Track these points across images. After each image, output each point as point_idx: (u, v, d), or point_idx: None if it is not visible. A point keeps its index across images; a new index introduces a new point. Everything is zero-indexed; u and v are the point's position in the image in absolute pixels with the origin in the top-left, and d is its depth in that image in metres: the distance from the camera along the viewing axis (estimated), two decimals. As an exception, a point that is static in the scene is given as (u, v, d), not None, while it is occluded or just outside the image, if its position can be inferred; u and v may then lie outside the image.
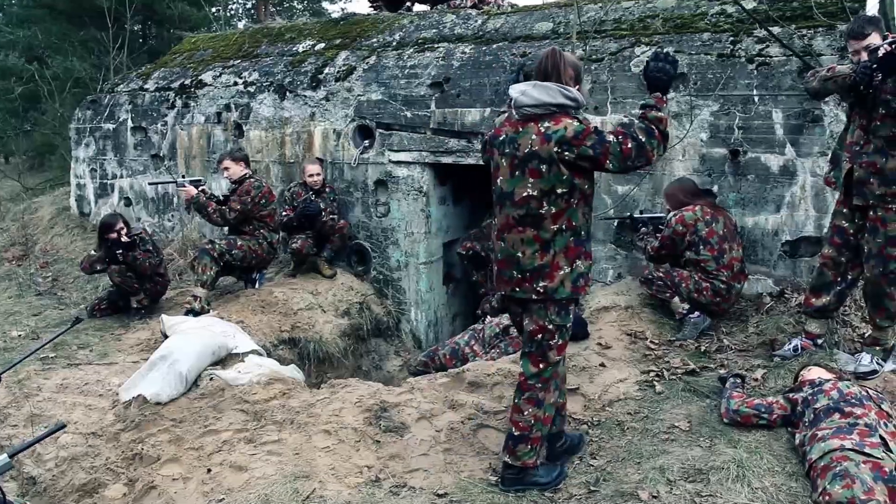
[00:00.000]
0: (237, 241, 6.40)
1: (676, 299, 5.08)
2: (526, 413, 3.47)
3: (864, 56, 3.86)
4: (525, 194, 3.31)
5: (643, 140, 3.21)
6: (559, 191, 3.28)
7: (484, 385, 4.51)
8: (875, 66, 3.72)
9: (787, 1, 5.67)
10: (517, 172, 3.34)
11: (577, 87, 3.41)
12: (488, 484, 3.63)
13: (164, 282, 6.72)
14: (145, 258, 6.33)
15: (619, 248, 5.99)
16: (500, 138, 3.43)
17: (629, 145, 3.20)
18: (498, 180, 3.44)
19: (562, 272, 3.33)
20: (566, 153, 3.23)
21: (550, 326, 3.41)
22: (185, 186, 6.38)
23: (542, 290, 3.34)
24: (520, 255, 3.36)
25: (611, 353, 4.81)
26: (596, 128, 3.27)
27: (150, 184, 8.22)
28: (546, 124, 3.27)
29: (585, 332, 5.16)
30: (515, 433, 3.49)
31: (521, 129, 3.33)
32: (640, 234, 5.42)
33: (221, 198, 6.55)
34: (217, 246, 6.31)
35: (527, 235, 3.34)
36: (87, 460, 4.18)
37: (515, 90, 3.36)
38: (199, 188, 6.44)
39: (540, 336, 3.43)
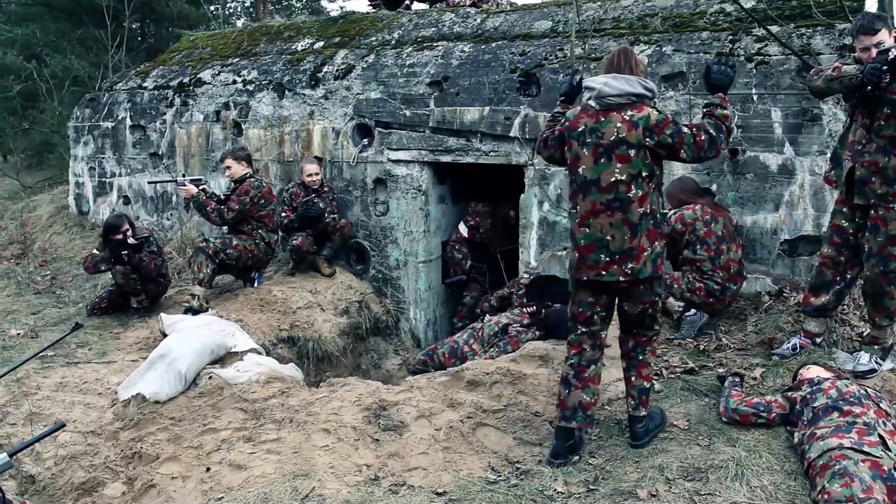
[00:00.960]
0: (232, 241, 6.39)
1: (671, 300, 5.08)
2: (652, 364, 3.90)
3: (874, 53, 3.84)
4: (613, 179, 3.52)
5: (714, 134, 3.51)
6: (644, 174, 3.53)
7: (483, 384, 4.52)
8: (886, 67, 3.71)
9: (785, 0, 5.67)
10: (602, 160, 3.55)
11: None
12: (487, 482, 3.63)
13: (166, 283, 6.72)
14: (151, 259, 6.33)
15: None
16: (580, 129, 3.62)
17: (702, 137, 3.50)
18: (580, 169, 3.62)
19: (646, 253, 3.57)
20: (647, 139, 3.50)
21: (657, 298, 3.73)
22: (184, 185, 6.38)
23: (629, 272, 3.56)
24: (609, 238, 3.55)
25: (609, 352, 4.80)
26: (674, 118, 3.56)
27: (149, 182, 8.21)
28: (629, 112, 3.52)
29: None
30: (647, 385, 3.81)
31: (602, 119, 3.56)
32: None
33: (222, 197, 6.54)
34: (212, 244, 6.31)
35: (615, 219, 3.54)
36: (86, 459, 4.19)
37: (598, 81, 3.58)
38: (200, 187, 6.43)
39: (651, 310, 3.73)
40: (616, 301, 3.78)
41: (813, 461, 3.22)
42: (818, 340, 4.51)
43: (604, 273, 3.58)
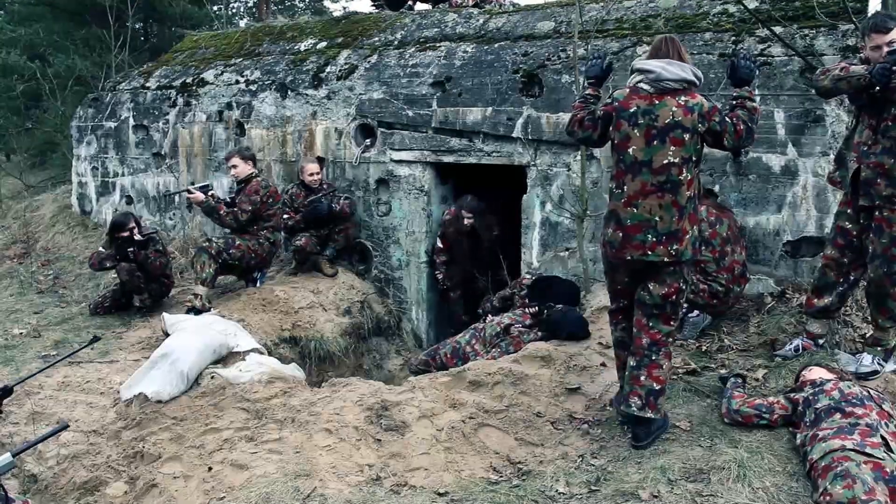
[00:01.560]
0: (235, 241, 6.40)
1: None
2: (664, 367, 3.79)
3: (885, 52, 3.82)
4: (665, 162, 3.62)
5: (750, 125, 3.67)
6: (693, 159, 3.67)
7: (485, 384, 4.51)
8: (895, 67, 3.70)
9: (789, 1, 5.67)
10: (655, 142, 3.64)
11: None
12: (489, 482, 3.63)
13: (169, 283, 6.74)
14: (156, 258, 6.36)
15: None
16: (631, 110, 3.69)
17: (741, 127, 3.64)
18: (630, 150, 3.69)
19: (688, 236, 3.69)
20: (700, 125, 3.63)
21: (683, 286, 3.77)
22: (192, 194, 6.39)
23: (674, 253, 3.66)
24: (657, 219, 3.64)
25: (612, 353, 4.80)
26: (719, 108, 3.70)
27: (164, 195, 8.29)
28: (684, 98, 3.64)
29: (586, 331, 5.16)
30: (657, 387, 3.76)
31: (657, 102, 3.65)
32: None
33: (228, 199, 6.55)
34: (215, 244, 6.32)
35: (665, 201, 3.64)
36: (88, 458, 4.19)
37: (655, 65, 3.66)
38: (209, 193, 6.45)
39: (674, 296, 3.75)
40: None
41: (815, 462, 3.21)
42: (821, 342, 4.50)
43: (649, 253, 3.66)
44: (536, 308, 5.43)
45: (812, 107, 5.17)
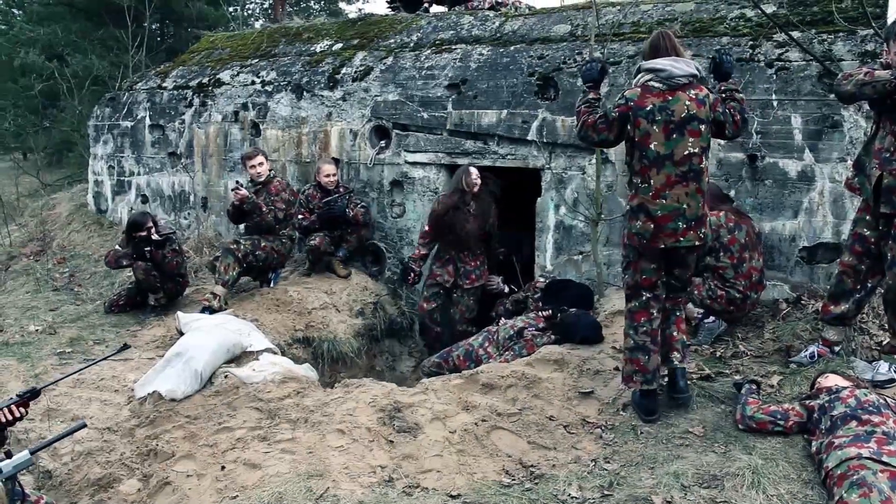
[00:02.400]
0: (261, 242, 6.49)
1: (690, 305, 5.04)
2: (684, 319, 4.23)
3: None
4: (687, 153, 3.83)
5: (744, 116, 3.98)
6: (707, 148, 3.91)
7: (498, 387, 4.51)
8: None
9: (807, 5, 5.63)
10: (674, 135, 3.83)
11: None
12: (501, 486, 3.63)
13: (184, 283, 6.78)
14: (173, 257, 6.41)
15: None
16: (647, 108, 3.85)
17: (738, 118, 3.95)
18: (651, 145, 3.86)
19: (708, 219, 4.02)
20: (710, 115, 3.88)
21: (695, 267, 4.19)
22: (240, 189, 6.45)
23: (702, 236, 3.96)
24: (685, 207, 3.86)
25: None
26: (720, 100, 3.97)
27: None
28: (693, 92, 3.86)
29: (600, 335, 5.15)
30: (685, 339, 4.21)
31: (670, 98, 3.83)
32: None
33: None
34: (242, 246, 6.36)
35: (690, 189, 3.86)
36: (102, 455, 4.22)
37: (664, 64, 3.84)
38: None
39: (691, 274, 4.18)
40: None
41: (831, 470, 3.19)
42: (837, 349, 4.47)
43: (682, 239, 3.89)
44: (550, 311, 5.41)
45: (830, 112, 5.13)
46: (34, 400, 3.37)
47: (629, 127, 3.92)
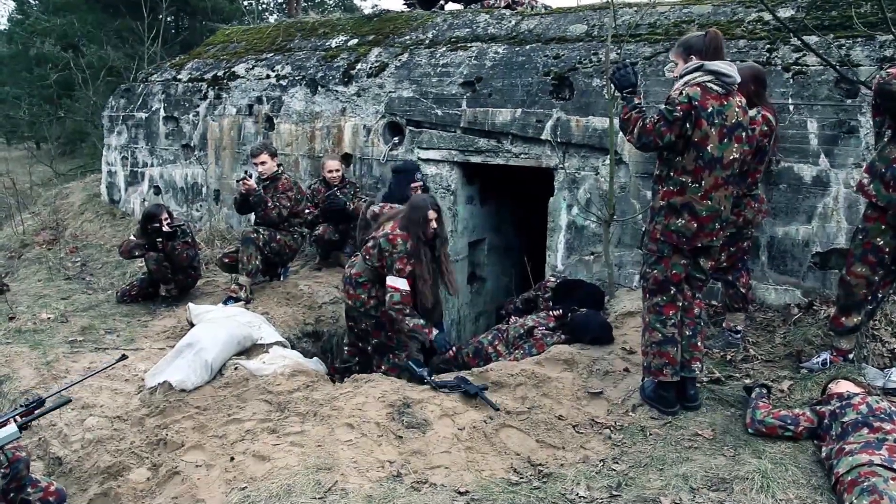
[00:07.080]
0: (276, 235, 6.54)
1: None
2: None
3: None
4: (732, 158, 3.93)
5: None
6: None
7: (507, 385, 4.51)
8: None
9: (825, 10, 5.60)
10: (725, 140, 3.89)
11: None
12: (509, 483, 3.63)
13: (196, 276, 6.82)
14: (184, 249, 6.45)
15: (646, 253, 5.95)
16: (709, 110, 3.85)
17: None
18: (708, 147, 3.88)
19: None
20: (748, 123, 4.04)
21: None
22: (249, 180, 6.46)
23: (727, 236, 4.21)
24: (722, 209, 4.00)
25: (635, 359, 4.78)
26: None
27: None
28: (739, 99, 3.98)
29: (610, 336, 5.14)
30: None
31: (725, 103, 3.89)
32: None
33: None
34: (261, 235, 6.42)
35: (729, 192, 4.02)
36: (112, 443, 4.23)
37: (724, 67, 3.87)
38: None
39: (712, 266, 4.26)
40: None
41: (841, 476, 3.18)
42: (850, 357, 4.43)
43: (714, 239, 4.04)
44: (560, 311, 5.41)
45: (846, 117, 5.11)
46: (39, 409, 3.41)
47: (688, 126, 3.84)
